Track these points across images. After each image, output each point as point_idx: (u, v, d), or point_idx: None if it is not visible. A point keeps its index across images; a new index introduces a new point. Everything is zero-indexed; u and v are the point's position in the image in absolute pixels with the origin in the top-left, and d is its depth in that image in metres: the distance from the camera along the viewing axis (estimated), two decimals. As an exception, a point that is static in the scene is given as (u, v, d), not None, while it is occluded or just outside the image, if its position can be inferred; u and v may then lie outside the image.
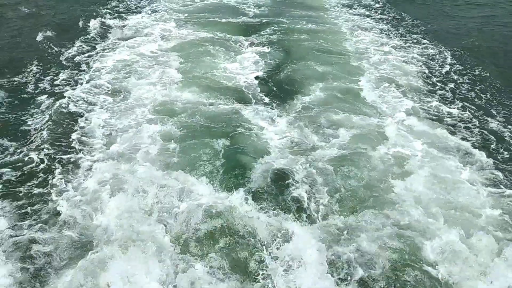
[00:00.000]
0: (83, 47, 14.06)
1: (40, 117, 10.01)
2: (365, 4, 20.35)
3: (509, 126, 10.26)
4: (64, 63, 12.87)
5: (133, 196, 7.57)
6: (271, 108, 10.94)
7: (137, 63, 13.04)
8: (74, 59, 13.15)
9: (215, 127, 9.96)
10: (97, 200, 7.55)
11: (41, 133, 9.28)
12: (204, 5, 19.40)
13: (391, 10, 19.28)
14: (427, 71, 13.12)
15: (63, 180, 7.96)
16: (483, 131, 10.06)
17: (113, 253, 6.29)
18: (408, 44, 15.16)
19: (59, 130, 9.55)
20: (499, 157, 9.15)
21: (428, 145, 9.38)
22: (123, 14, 17.45)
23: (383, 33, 16.33)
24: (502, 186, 8.21)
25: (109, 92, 11.30)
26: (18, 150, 8.80)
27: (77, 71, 12.40)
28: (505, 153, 9.32)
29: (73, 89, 11.27)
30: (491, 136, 9.88)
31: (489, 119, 10.59)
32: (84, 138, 9.37)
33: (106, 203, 7.45)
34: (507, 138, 9.82)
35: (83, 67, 12.69)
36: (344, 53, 14.34)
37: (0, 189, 7.71)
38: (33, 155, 8.56)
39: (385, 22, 17.69)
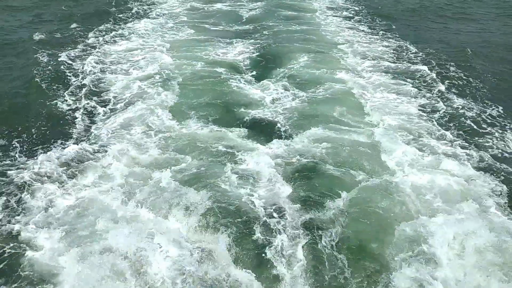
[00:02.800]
0: (93, 40, 15.96)
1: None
2: (347, 7, 22.62)
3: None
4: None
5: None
6: (259, 74, 12.93)
7: (140, 49, 14.83)
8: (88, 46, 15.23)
9: (209, 88, 11.81)
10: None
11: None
12: (203, 10, 21.70)
13: (370, 13, 21.31)
14: (397, 54, 15.09)
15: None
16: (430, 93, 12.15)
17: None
18: (383, 37, 17.17)
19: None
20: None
21: (388, 93, 11.59)
22: (126, 18, 19.44)
23: (360, 30, 18.27)
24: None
25: (117, 66, 13.27)
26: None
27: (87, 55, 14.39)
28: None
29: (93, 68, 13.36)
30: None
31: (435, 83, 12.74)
32: (100, 94, 11.41)
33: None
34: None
35: (94, 53, 14.55)
36: (325, 41, 16.45)
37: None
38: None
39: (363, 22, 19.73)
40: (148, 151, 8.60)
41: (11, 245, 6.12)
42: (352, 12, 21.78)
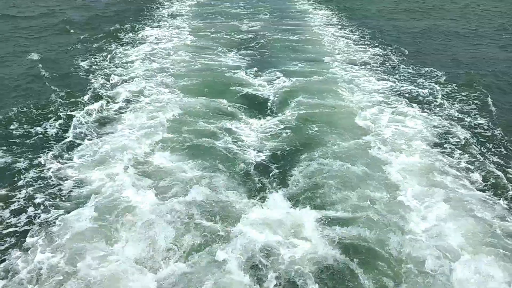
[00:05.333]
0: (115, 44, 17.66)
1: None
2: (342, 24, 24.51)
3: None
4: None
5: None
6: (254, 69, 14.55)
7: (149, 52, 16.41)
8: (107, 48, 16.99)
9: (208, 77, 13.55)
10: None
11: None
12: (208, 23, 23.56)
13: (359, 25, 23.03)
14: (385, 59, 16.51)
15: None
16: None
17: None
18: (373, 47, 18.44)
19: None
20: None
21: (374, 79, 13.45)
22: (137, 28, 20.96)
23: (352, 41, 19.75)
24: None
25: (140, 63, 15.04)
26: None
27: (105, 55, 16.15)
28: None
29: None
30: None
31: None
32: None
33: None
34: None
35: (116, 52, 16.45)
36: (319, 49, 17.92)
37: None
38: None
39: (355, 33, 21.50)
40: (153, 113, 10.54)
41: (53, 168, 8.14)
42: (348, 27, 23.48)
